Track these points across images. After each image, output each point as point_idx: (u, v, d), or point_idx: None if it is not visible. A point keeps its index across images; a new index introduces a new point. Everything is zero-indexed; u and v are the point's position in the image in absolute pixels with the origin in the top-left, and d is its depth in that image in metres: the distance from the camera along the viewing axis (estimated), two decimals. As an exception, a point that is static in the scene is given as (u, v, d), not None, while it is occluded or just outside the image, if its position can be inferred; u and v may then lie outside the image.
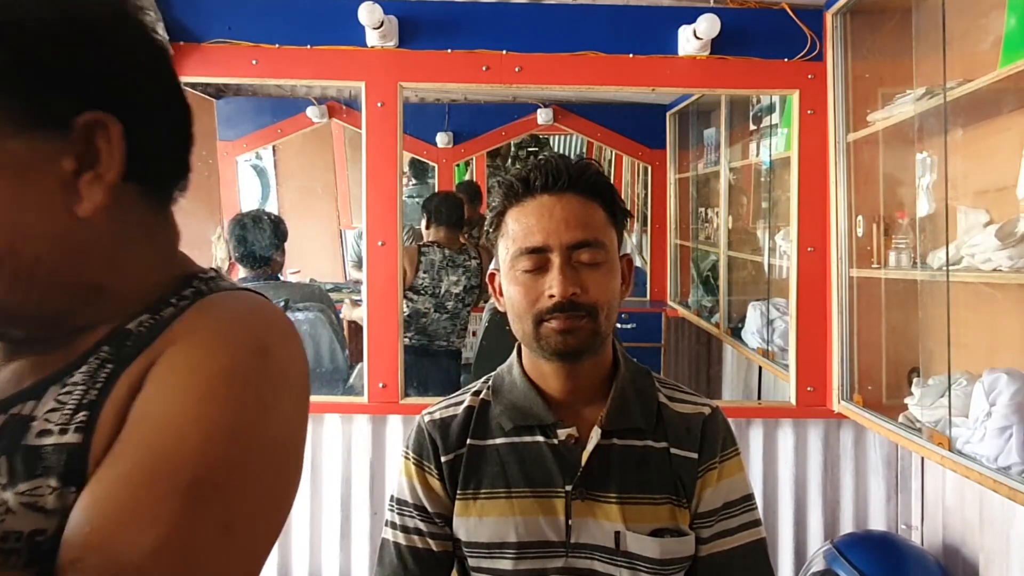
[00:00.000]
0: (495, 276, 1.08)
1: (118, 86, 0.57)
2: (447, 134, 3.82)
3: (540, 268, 0.98)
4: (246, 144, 3.76)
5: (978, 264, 1.65)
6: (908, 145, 2.03)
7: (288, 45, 2.22)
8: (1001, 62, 1.60)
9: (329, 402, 2.40)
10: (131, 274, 0.61)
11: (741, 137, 3.20)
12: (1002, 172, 1.72)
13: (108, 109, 0.55)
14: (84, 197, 0.55)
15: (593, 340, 0.99)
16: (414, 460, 1.06)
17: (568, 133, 4.07)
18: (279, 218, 2.79)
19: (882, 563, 1.97)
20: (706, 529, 1.02)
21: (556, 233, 0.97)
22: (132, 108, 0.57)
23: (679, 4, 2.25)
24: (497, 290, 1.07)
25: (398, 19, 2.21)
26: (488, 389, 1.10)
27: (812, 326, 2.28)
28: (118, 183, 0.57)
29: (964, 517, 2.07)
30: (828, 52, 2.23)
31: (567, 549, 1.00)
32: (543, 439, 1.03)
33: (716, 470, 1.02)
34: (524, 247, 0.98)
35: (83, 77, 0.55)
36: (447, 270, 3.06)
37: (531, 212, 0.99)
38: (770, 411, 2.40)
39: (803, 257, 2.28)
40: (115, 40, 0.57)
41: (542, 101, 3.67)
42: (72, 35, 0.54)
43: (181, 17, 2.20)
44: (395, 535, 1.06)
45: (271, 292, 2.63)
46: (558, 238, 0.97)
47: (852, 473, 2.40)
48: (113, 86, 0.56)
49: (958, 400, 1.71)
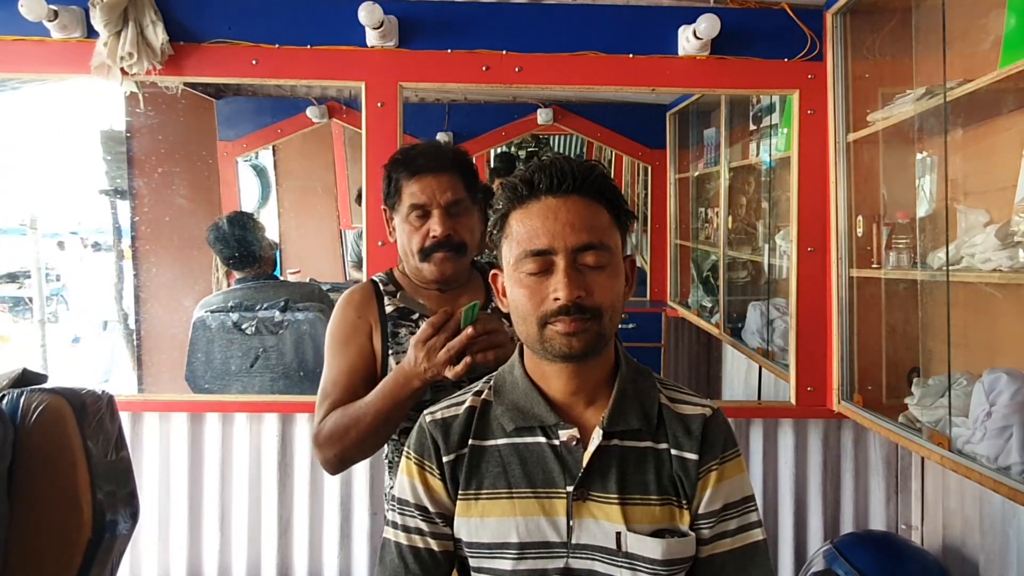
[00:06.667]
0: (498, 277, 1.07)
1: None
2: (447, 134, 3.81)
3: (545, 270, 0.98)
4: (246, 144, 3.76)
5: (978, 264, 1.65)
6: (908, 145, 2.04)
7: (288, 45, 2.22)
8: (1001, 62, 1.60)
9: (329, 402, 2.40)
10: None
11: (741, 137, 3.20)
12: (1002, 172, 1.72)
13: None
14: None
15: (598, 342, 0.99)
16: (415, 460, 1.06)
17: (568, 133, 4.06)
18: (250, 214, 2.82)
19: (882, 563, 1.98)
20: (706, 530, 1.02)
21: (561, 236, 0.97)
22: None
23: (679, 4, 2.25)
24: (500, 291, 1.07)
25: (398, 19, 2.21)
26: (489, 389, 1.09)
27: (812, 326, 2.28)
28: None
29: (964, 517, 2.07)
30: (828, 52, 2.23)
31: (568, 550, 1.00)
32: (544, 440, 1.03)
33: (717, 471, 1.02)
34: (529, 249, 0.98)
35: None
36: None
37: (536, 214, 0.99)
38: (770, 411, 2.40)
39: (803, 257, 2.28)
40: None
41: (542, 101, 3.67)
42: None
43: (181, 17, 2.20)
44: (396, 535, 1.06)
45: (270, 291, 2.64)
46: (563, 241, 0.97)
47: (852, 473, 2.40)
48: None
49: (958, 400, 1.71)
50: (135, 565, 2.38)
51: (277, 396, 2.47)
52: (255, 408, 2.38)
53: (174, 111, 3.03)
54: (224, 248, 2.65)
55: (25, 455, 1.49)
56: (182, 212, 3.12)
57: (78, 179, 7.07)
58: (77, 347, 7.23)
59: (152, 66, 2.17)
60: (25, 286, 8.05)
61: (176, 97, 2.72)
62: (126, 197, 3.12)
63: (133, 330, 3.05)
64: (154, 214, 3.06)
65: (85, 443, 1.54)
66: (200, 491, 2.40)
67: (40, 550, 1.49)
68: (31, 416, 1.50)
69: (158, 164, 3.09)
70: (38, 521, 1.49)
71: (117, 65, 2.14)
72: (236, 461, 2.40)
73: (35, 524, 1.49)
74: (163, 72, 2.20)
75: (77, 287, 8.46)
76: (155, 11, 2.15)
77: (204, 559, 2.40)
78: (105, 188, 3.25)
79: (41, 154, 6.21)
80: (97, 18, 2.08)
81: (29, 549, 1.48)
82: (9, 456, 1.47)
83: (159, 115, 2.98)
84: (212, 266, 3.01)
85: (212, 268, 3.01)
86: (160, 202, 3.08)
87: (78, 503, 1.51)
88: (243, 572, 2.39)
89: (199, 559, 2.40)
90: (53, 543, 1.50)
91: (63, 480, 1.51)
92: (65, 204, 7.34)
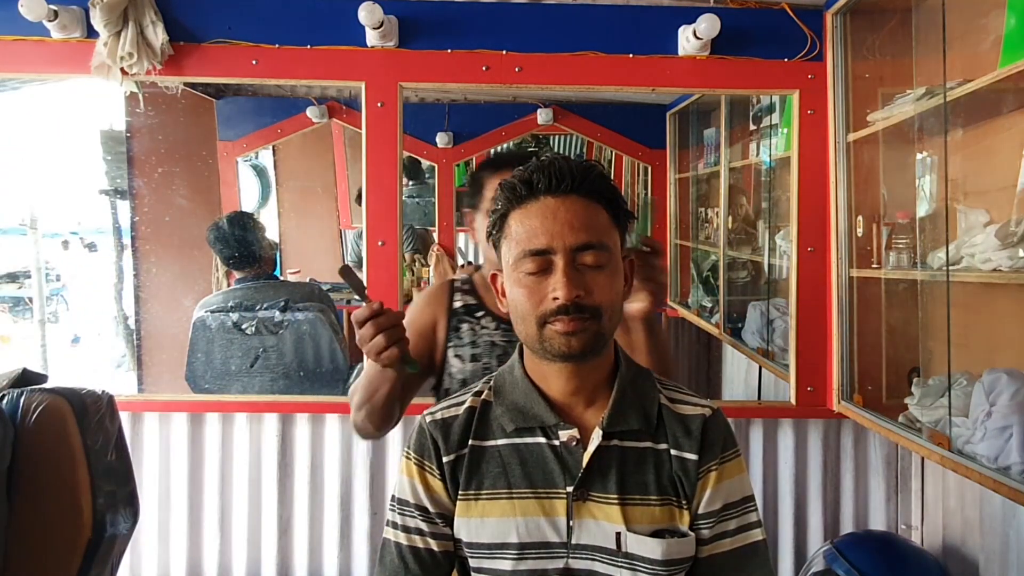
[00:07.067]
0: (497, 277, 1.08)
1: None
2: (447, 134, 3.81)
3: (544, 270, 0.98)
4: (246, 144, 3.76)
5: (978, 264, 1.65)
6: (908, 145, 2.04)
7: (288, 45, 2.22)
8: (1001, 62, 1.60)
9: (329, 402, 2.40)
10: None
11: (741, 137, 3.20)
12: (1002, 172, 1.72)
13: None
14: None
15: (597, 342, 0.99)
16: (415, 460, 1.06)
17: (568, 133, 4.06)
18: (250, 214, 2.82)
19: (882, 563, 1.98)
20: (706, 530, 1.02)
21: (560, 235, 0.97)
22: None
23: (679, 4, 2.25)
24: (500, 291, 1.07)
25: (398, 19, 2.21)
26: (489, 390, 1.10)
27: (812, 326, 2.28)
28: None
29: (964, 517, 2.07)
30: (828, 52, 2.23)
31: (568, 550, 1.00)
32: (544, 440, 1.03)
33: (716, 471, 1.02)
34: (528, 249, 0.98)
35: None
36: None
37: (534, 214, 0.99)
38: (770, 411, 2.40)
39: (803, 257, 2.28)
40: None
41: (542, 101, 3.66)
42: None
43: (181, 17, 2.20)
44: (396, 535, 1.06)
45: (270, 291, 2.64)
46: (562, 240, 0.97)
47: (852, 473, 2.40)
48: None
49: (958, 400, 1.71)
50: (135, 565, 2.38)
51: (277, 396, 2.47)
52: (255, 408, 2.39)
53: (174, 111, 3.04)
54: (224, 248, 2.66)
55: (25, 455, 1.49)
56: (182, 212, 3.12)
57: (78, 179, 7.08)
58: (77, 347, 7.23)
59: (152, 66, 2.17)
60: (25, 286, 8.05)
61: (176, 97, 2.72)
62: (126, 197, 3.12)
63: (133, 330, 3.05)
64: (154, 214, 3.06)
65: (85, 443, 1.54)
66: (200, 491, 2.40)
67: (40, 550, 1.49)
68: (31, 416, 1.51)
69: (158, 164, 3.09)
70: (38, 521, 1.49)
71: (117, 65, 2.14)
72: (236, 461, 2.40)
73: (35, 524, 1.49)
74: (163, 72, 2.20)
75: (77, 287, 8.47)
76: (155, 11, 2.15)
77: (204, 559, 2.40)
78: (105, 188, 3.26)
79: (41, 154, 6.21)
80: (97, 18, 2.08)
81: (29, 549, 1.48)
82: (9, 456, 1.47)
83: (159, 115, 2.98)
84: (212, 266, 3.02)
85: (212, 268, 3.02)
86: (160, 202, 3.08)
87: (78, 503, 1.51)
88: (243, 572, 2.40)
89: (199, 559, 2.40)
90: (53, 543, 1.50)
91: (63, 480, 1.51)
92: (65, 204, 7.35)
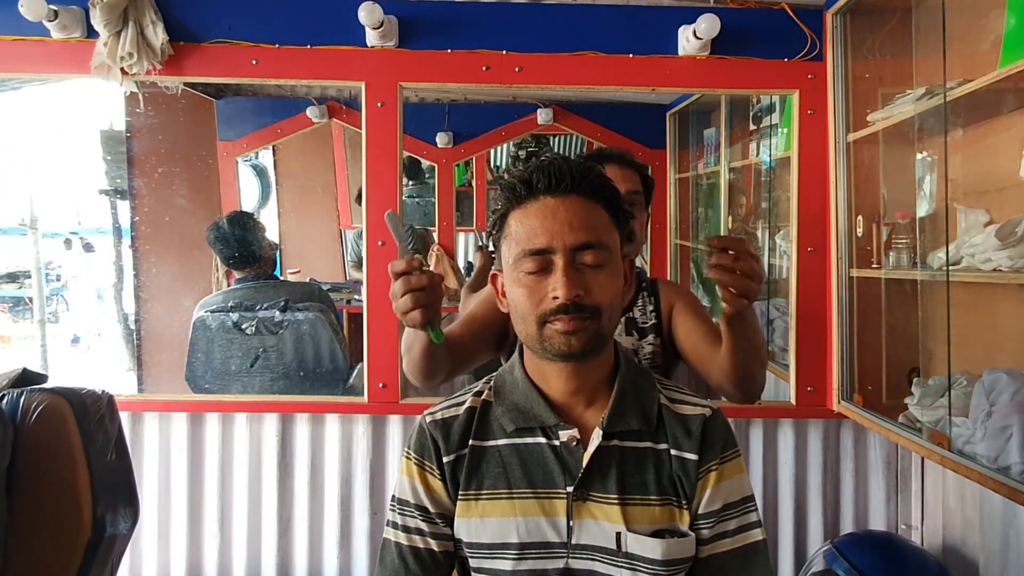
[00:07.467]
0: (497, 277, 1.08)
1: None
2: (447, 134, 3.81)
3: (544, 270, 0.98)
4: (246, 144, 3.76)
5: (978, 264, 1.65)
6: (908, 145, 2.04)
7: (288, 45, 2.22)
8: (1001, 62, 1.60)
9: (329, 402, 2.40)
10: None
11: (741, 137, 3.20)
12: (1002, 172, 1.72)
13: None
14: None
15: (597, 341, 0.99)
16: (415, 460, 1.07)
17: (568, 133, 4.06)
18: (250, 214, 2.82)
19: (882, 563, 1.98)
20: (706, 530, 1.02)
21: (560, 235, 0.97)
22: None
23: (679, 4, 2.25)
24: (500, 291, 1.07)
25: (398, 19, 2.21)
26: (489, 390, 1.10)
27: (812, 326, 2.28)
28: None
29: (964, 517, 2.07)
30: (828, 52, 2.23)
31: (568, 550, 1.00)
32: (545, 440, 1.03)
33: (716, 471, 1.03)
34: (528, 249, 0.98)
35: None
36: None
37: (534, 214, 0.99)
38: (770, 411, 2.40)
39: (803, 257, 2.28)
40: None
41: (542, 101, 3.66)
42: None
43: (181, 17, 2.20)
44: (396, 535, 1.06)
45: (270, 291, 2.64)
46: (562, 240, 0.97)
47: (852, 473, 2.40)
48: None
49: (958, 400, 1.71)
50: (135, 565, 2.38)
51: (277, 396, 2.47)
52: (255, 408, 2.38)
53: (174, 111, 3.03)
54: (224, 248, 2.65)
55: (25, 455, 1.49)
56: (182, 212, 3.12)
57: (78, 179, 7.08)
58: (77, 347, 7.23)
59: (152, 66, 2.17)
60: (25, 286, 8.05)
61: (176, 97, 2.72)
62: (126, 197, 3.12)
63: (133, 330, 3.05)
64: (154, 214, 3.06)
65: (85, 443, 1.54)
66: (200, 491, 2.40)
67: (40, 550, 1.49)
68: (31, 416, 1.51)
69: (158, 164, 3.09)
70: (38, 521, 1.49)
71: (117, 65, 2.14)
72: (236, 461, 2.40)
73: (35, 524, 1.49)
74: (163, 72, 2.20)
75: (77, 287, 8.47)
76: (155, 11, 2.15)
77: (204, 559, 2.40)
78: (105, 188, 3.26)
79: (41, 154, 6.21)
80: (97, 18, 2.08)
81: (29, 549, 1.48)
82: (9, 456, 1.47)
83: (159, 115, 2.98)
84: (212, 266, 3.02)
85: (212, 268, 3.02)
86: (160, 202, 3.08)
87: (78, 503, 1.51)
88: (243, 572, 2.40)
89: (199, 559, 2.40)
90: (53, 543, 1.50)
91: (63, 480, 1.51)
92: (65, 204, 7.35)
